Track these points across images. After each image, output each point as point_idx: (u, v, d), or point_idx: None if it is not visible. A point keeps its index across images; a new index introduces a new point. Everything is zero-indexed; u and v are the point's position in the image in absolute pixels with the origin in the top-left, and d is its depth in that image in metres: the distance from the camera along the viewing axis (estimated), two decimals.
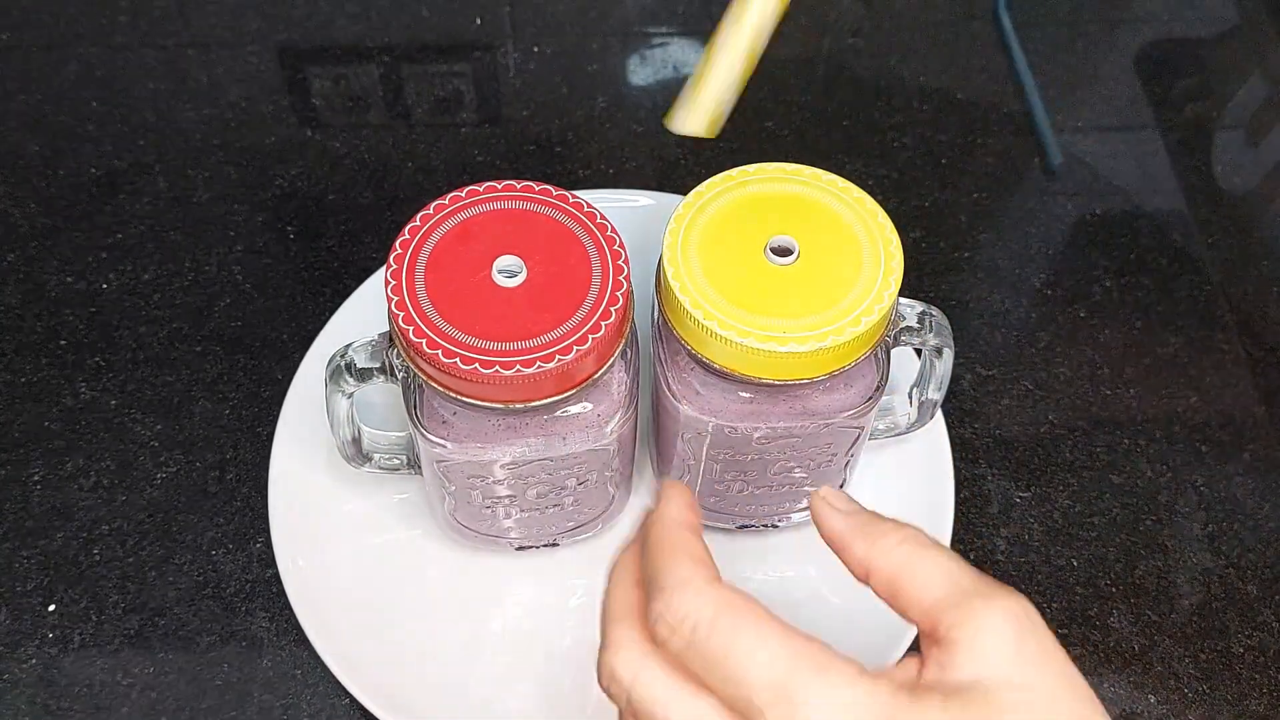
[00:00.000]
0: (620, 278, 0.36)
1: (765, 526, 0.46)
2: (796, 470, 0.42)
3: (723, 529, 0.46)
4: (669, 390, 0.39)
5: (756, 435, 0.40)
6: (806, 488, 0.43)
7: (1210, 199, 0.59)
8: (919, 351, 0.45)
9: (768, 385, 0.37)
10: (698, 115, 0.40)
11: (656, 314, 0.39)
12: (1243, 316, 0.54)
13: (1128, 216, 0.58)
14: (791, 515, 0.45)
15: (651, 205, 0.53)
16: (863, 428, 0.41)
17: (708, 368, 0.37)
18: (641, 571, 0.30)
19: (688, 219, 0.38)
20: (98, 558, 0.46)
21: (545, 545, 0.45)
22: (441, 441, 0.38)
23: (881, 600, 0.29)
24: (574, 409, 0.38)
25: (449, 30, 0.64)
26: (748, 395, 0.38)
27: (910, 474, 0.47)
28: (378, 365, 0.39)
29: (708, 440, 0.40)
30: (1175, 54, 0.66)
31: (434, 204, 0.38)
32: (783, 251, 0.37)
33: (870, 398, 0.39)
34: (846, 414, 0.39)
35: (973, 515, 0.48)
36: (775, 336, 0.35)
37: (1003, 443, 0.50)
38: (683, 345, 0.37)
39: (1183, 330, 0.54)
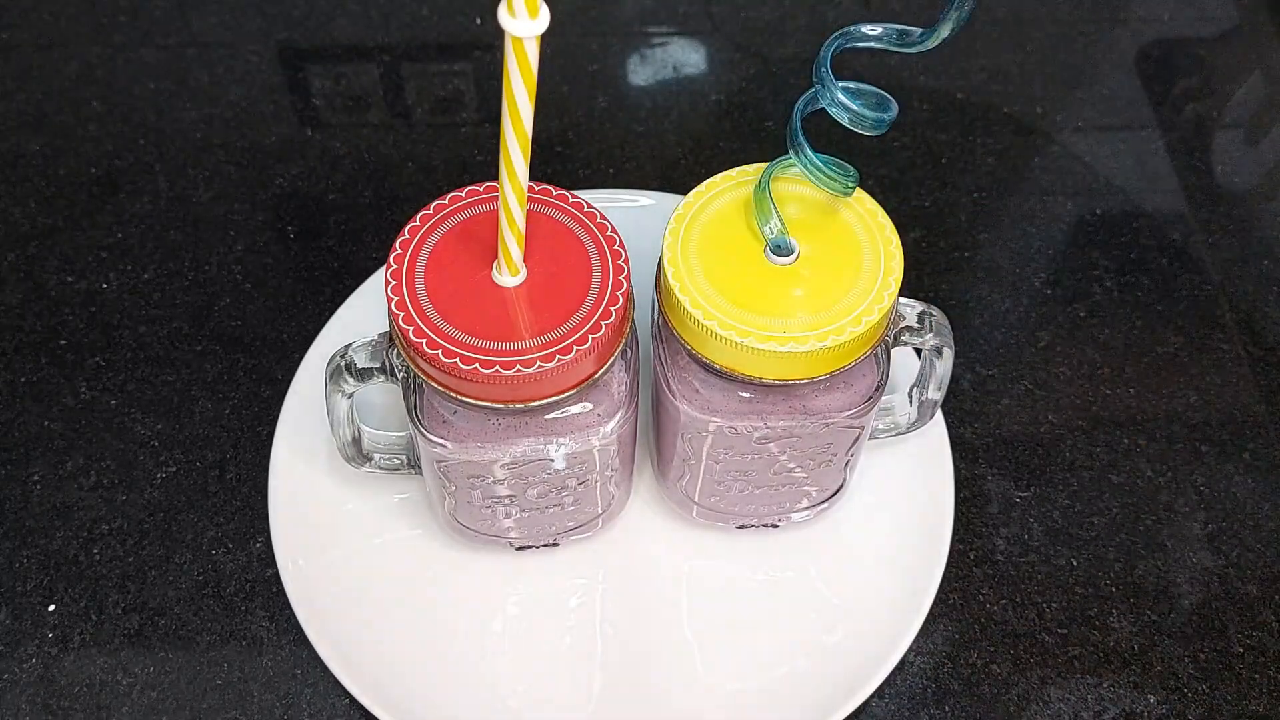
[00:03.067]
0: (620, 278, 0.36)
1: (765, 526, 0.46)
2: (796, 470, 0.42)
3: (722, 529, 0.46)
4: (669, 390, 0.39)
5: (756, 435, 0.39)
6: (806, 487, 0.43)
7: (1210, 199, 0.59)
8: (919, 351, 0.45)
9: (768, 385, 0.37)
10: None
11: (656, 314, 0.39)
12: (1243, 316, 0.54)
13: (1127, 216, 0.58)
14: (791, 515, 0.45)
15: (651, 205, 0.53)
16: (863, 428, 0.41)
17: (708, 368, 0.37)
18: None
19: (688, 219, 0.38)
20: (98, 557, 0.46)
21: (545, 545, 0.45)
22: (441, 441, 0.38)
23: None
24: (574, 409, 0.38)
25: (449, 30, 0.64)
26: (748, 395, 0.38)
27: (910, 474, 0.47)
28: (378, 365, 0.39)
29: (708, 440, 0.40)
30: (1175, 54, 0.66)
31: (434, 204, 0.38)
32: (783, 251, 0.37)
33: (870, 398, 0.39)
34: (846, 414, 0.39)
35: (973, 515, 0.48)
36: (775, 336, 0.35)
37: (1002, 443, 0.50)
38: (683, 345, 0.37)
39: (1183, 330, 0.54)
